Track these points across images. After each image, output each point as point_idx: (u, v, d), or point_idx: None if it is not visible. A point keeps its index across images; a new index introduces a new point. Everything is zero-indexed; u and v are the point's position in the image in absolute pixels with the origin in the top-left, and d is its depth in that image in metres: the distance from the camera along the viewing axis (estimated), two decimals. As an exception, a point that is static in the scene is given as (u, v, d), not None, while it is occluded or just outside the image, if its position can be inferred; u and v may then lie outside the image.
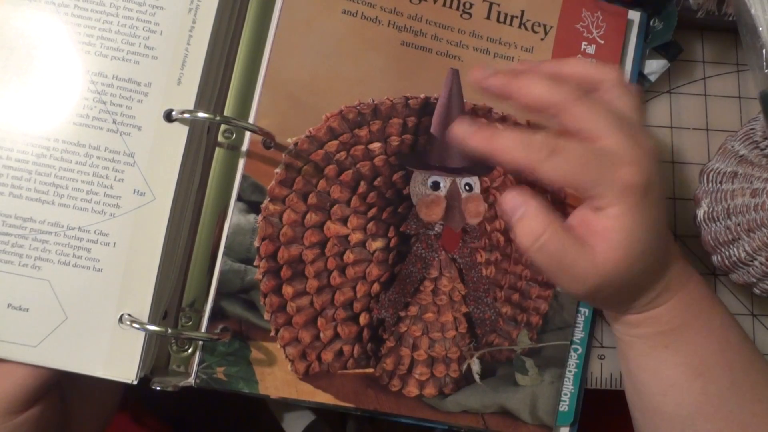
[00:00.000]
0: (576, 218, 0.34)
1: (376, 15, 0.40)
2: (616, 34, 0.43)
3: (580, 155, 0.32)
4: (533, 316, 0.41)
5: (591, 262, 0.32)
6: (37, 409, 0.34)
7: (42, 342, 0.34)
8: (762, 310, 0.45)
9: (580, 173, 0.32)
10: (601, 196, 0.32)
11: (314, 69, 0.39)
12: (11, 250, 0.34)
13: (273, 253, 0.38)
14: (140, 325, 0.34)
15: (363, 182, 0.39)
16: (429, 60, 0.41)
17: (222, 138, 0.38)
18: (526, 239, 0.33)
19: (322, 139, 0.39)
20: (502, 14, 0.42)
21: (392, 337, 0.40)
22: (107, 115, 0.35)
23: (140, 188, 0.35)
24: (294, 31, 0.39)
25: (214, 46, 0.37)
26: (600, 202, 0.32)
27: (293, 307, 0.39)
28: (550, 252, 0.33)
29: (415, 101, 0.40)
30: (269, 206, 0.38)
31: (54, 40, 0.35)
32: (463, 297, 0.40)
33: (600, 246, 0.32)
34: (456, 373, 0.40)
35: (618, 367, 0.43)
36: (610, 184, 0.32)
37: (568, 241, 0.33)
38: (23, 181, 0.34)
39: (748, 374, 0.36)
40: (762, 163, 0.40)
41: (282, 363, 0.38)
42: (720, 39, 0.47)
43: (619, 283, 0.33)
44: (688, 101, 0.47)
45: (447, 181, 0.40)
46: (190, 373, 0.38)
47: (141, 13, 0.35)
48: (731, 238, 0.40)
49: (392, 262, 0.40)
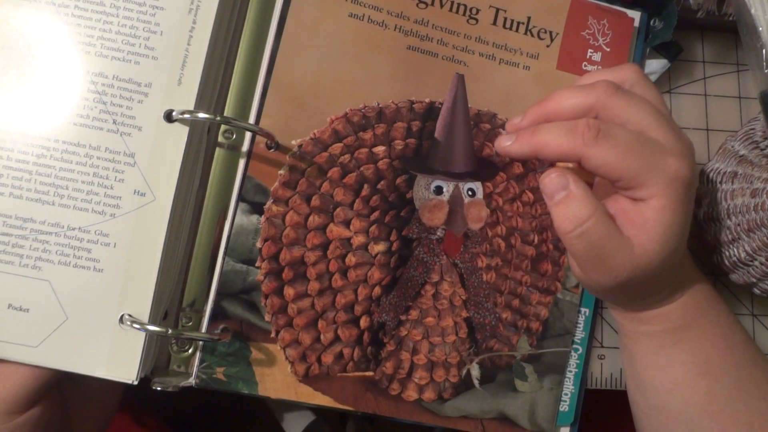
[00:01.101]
0: (612, 208, 0.32)
1: (383, 19, 0.39)
2: (623, 41, 0.42)
3: (628, 140, 0.30)
4: (533, 322, 0.40)
5: (629, 254, 0.31)
6: (37, 409, 0.33)
7: (42, 342, 0.34)
8: (762, 310, 0.44)
9: (629, 158, 0.30)
10: (648, 185, 0.30)
11: (320, 72, 0.38)
12: (12, 250, 0.34)
13: (275, 254, 0.38)
14: (141, 326, 0.34)
15: (366, 185, 0.38)
16: (435, 65, 0.40)
17: (222, 138, 0.38)
18: (569, 223, 0.31)
19: (326, 142, 0.38)
20: (508, 20, 0.41)
21: (392, 340, 0.39)
22: (107, 116, 0.34)
23: (140, 189, 0.34)
24: (300, 34, 0.38)
25: (215, 46, 0.36)
26: (645, 192, 0.30)
27: (294, 309, 0.38)
28: (592, 239, 0.31)
29: (420, 105, 0.39)
30: (272, 207, 0.38)
31: (54, 41, 0.34)
32: (463, 302, 0.40)
33: (639, 238, 0.31)
34: (455, 377, 0.39)
35: (618, 367, 0.43)
36: (658, 172, 0.30)
37: (612, 230, 0.31)
38: (24, 181, 0.34)
39: (753, 372, 0.35)
40: (762, 163, 0.39)
41: (282, 364, 0.38)
42: (720, 39, 0.47)
43: (647, 277, 0.32)
44: (688, 101, 0.46)
45: (450, 186, 0.39)
46: (190, 373, 0.37)
47: (141, 13, 0.35)
48: (731, 238, 0.39)
49: (394, 266, 0.39)
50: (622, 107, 0.31)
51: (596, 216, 0.31)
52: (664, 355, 0.35)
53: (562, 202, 0.31)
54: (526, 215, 0.40)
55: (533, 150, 0.32)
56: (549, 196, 0.32)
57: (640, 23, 0.42)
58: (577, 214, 0.31)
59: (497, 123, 0.40)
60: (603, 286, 0.33)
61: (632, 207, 0.31)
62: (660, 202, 0.30)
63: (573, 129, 0.31)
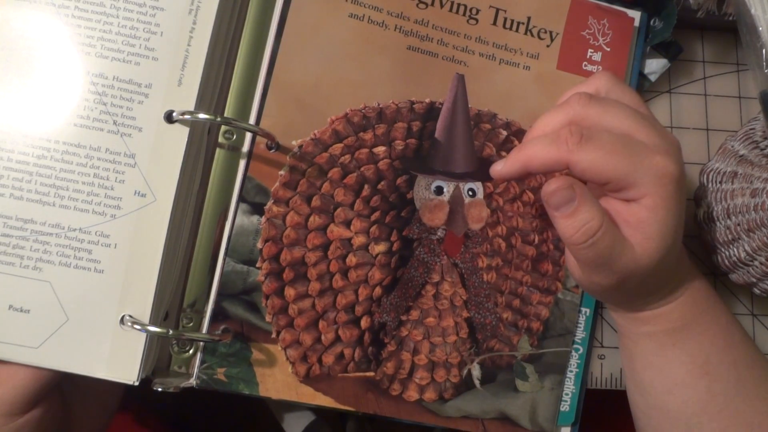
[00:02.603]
0: None
1: (383, 19, 0.39)
2: (623, 41, 0.41)
3: (612, 141, 0.30)
4: (534, 322, 0.39)
5: (632, 255, 0.31)
6: (38, 410, 0.33)
7: (43, 343, 0.33)
8: (762, 310, 0.44)
9: (616, 159, 0.30)
10: (637, 185, 0.30)
11: (320, 72, 0.38)
12: (12, 251, 0.33)
13: (276, 255, 0.37)
14: (141, 327, 0.33)
15: (367, 186, 0.38)
16: (435, 65, 0.39)
17: (222, 139, 0.37)
18: (580, 235, 0.30)
19: (326, 142, 0.38)
20: (508, 20, 0.40)
21: (393, 341, 0.38)
22: (108, 117, 0.34)
23: (141, 189, 0.34)
24: (301, 35, 0.38)
25: (215, 47, 0.36)
26: (635, 191, 0.30)
27: (295, 310, 0.37)
28: (601, 248, 0.30)
29: (420, 105, 0.39)
30: (273, 208, 0.37)
31: (54, 42, 0.34)
32: (464, 302, 0.39)
33: (636, 238, 0.31)
34: (456, 378, 0.39)
35: (618, 367, 0.42)
36: (646, 171, 0.30)
37: (618, 235, 0.31)
38: (24, 182, 0.33)
39: (752, 372, 0.35)
40: (762, 163, 0.39)
41: (283, 365, 0.37)
42: (720, 39, 0.46)
43: (646, 275, 0.32)
44: (688, 101, 0.45)
45: (450, 186, 0.39)
46: (191, 374, 0.37)
47: (141, 14, 0.34)
48: (731, 238, 0.39)
49: (394, 266, 0.38)
50: (599, 115, 0.31)
51: (606, 225, 0.30)
52: (664, 355, 0.35)
53: (570, 215, 0.31)
54: (527, 215, 0.39)
55: (523, 165, 0.32)
56: (555, 207, 0.31)
57: (640, 23, 0.42)
58: (588, 226, 0.30)
59: (497, 123, 0.39)
60: (604, 287, 0.33)
61: (625, 208, 0.31)
62: (652, 200, 0.30)
63: (557, 138, 0.31)
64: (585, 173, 0.30)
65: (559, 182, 0.31)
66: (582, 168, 0.30)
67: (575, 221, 0.30)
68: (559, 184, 0.31)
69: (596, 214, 0.30)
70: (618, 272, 0.31)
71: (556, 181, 0.31)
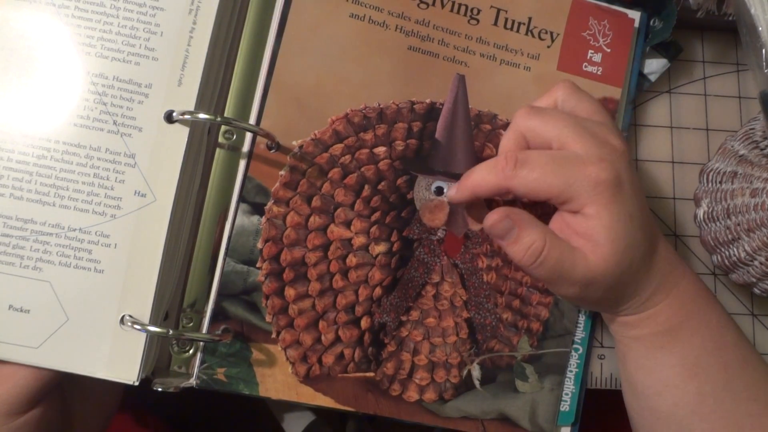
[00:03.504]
0: (555, 225, 0.34)
1: (384, 19, 0.38)
2: (623, 42, 0.41)
3: (545, 161, 0.32)
4: (534, 323, 0.39)
5: (585, 263, 0.32)
6: (38, 410, 0.33)
7: (43, 343, 0.33)
8: (762, 310, 0.44)
9: (549, 178, 0.31)
10: (575, 198, 0.32)
11: (320, 72, 0.38)
12: (12, 251, 0.33)
13: (276, 255, 0.37)
14: (141, 326, 0.33)
15: (367, 186, 0.38)
16: (435, 65, 0.39)
17: (222, 139, 0.37)
18: (528, 258, 0.32)
19: (327, 143, 0.37)
20: (509, 21, 0.40)
21: (393, 341, 0.38)
22: (108, 117, 0.33)
23: (141, 189, 0.34)
24: (301, 35, 0.37)
25: (215, 47, 0.35)
26: (575, 204, 0.32)
27: (295, 310, 0.37)
28: (551, 264, 0.32)
29: (420, 106, 0.38)
30: (273, 208, 0.37)
31: (54, 42, 0.34)
32: (464, 302, 0.39)
33: (588, 246, 0.32)
34: (456, 378, 0.38)
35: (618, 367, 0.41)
36: (580, 183, 0.31)
37: (565, 247, 0.32)
38: (24, 182, 0.33)
39: (743, 373, 0.35)
40: (762, 163, 0.38)
41: (283, 365, 0.37)
42: (720, 39, 0.46)
43: (610, 281, 0.33)
44: (688, 101, 0.45)
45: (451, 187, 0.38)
46: (191, 374, 0.36)
47: (141, 14, 0.34)
48: (731, 238, 0.38)
49: (395, 267, 0.38)
50: (539, 126, 0.33)
51: (548, 242, 0.32)
52: (653, 358, 0.35)
53: (514, 242, 0.33)
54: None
55: (471, 192, 0.34)
56: (499, 237, 0.33)
57: (639, 23, 0.41)
58: (534, 248, 0.32)
59: (498, 124, 0.39)
60: (571, 297, 0.34)
61: (573, 219, 0.33)
62: (592, 208, 0.32)
63: (495, 165, 0.33)
64: (525, 195, 0.33)
65: (495, 215, 0.33)
66: (521, 192, 0.32)
67: (520, 246, 0.32)
68: (495, 218, 0.33)
69: (538, 235, 0.32)
70: (577, 282, 0.32)
71: (493, 214, 0.33)
